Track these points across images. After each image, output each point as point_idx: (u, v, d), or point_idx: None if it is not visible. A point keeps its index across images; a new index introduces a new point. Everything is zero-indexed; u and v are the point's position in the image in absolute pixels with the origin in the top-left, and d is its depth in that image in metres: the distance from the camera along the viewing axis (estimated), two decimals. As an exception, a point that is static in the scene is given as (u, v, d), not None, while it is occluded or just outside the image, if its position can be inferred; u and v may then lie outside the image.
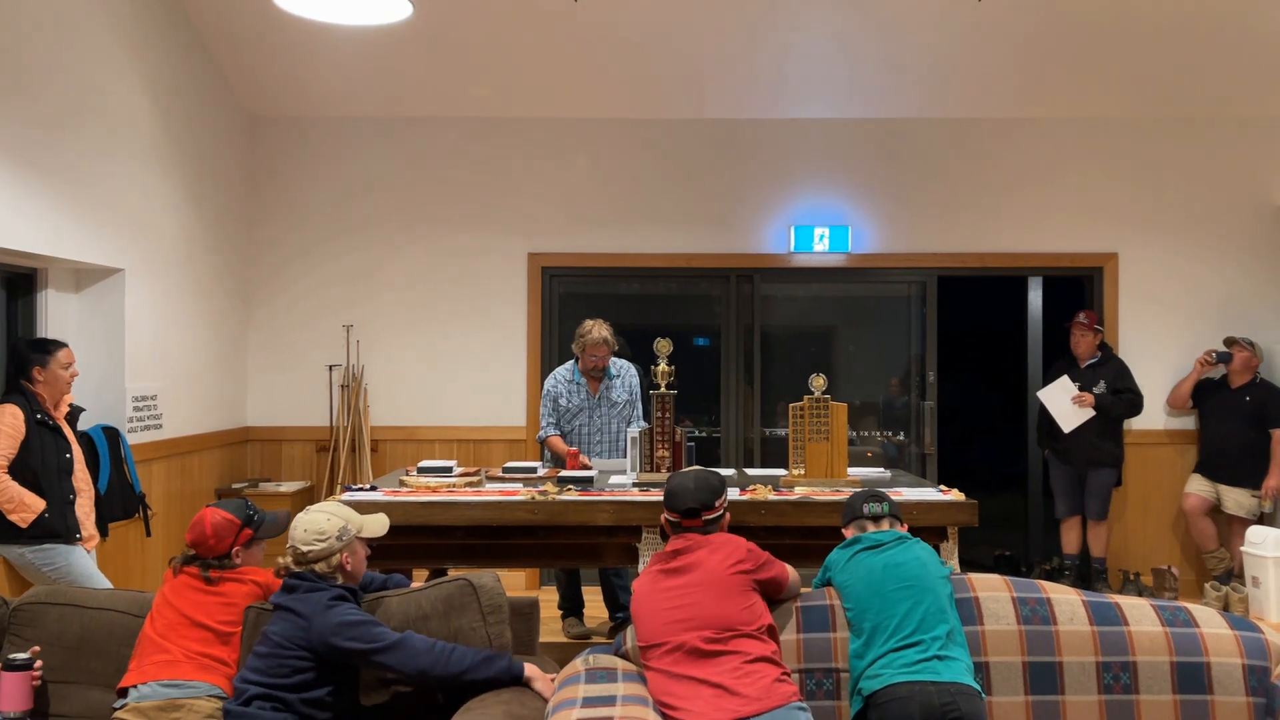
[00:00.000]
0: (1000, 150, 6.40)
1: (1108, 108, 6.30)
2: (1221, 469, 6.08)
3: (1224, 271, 6.38)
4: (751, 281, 6.53)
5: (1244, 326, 6.31)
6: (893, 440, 6.74)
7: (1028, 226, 6.40)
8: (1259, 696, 2.58)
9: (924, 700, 2.38)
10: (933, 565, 2.68)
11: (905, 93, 6.18)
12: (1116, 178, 6.39)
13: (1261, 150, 6.35)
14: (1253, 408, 5.98)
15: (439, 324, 6.39)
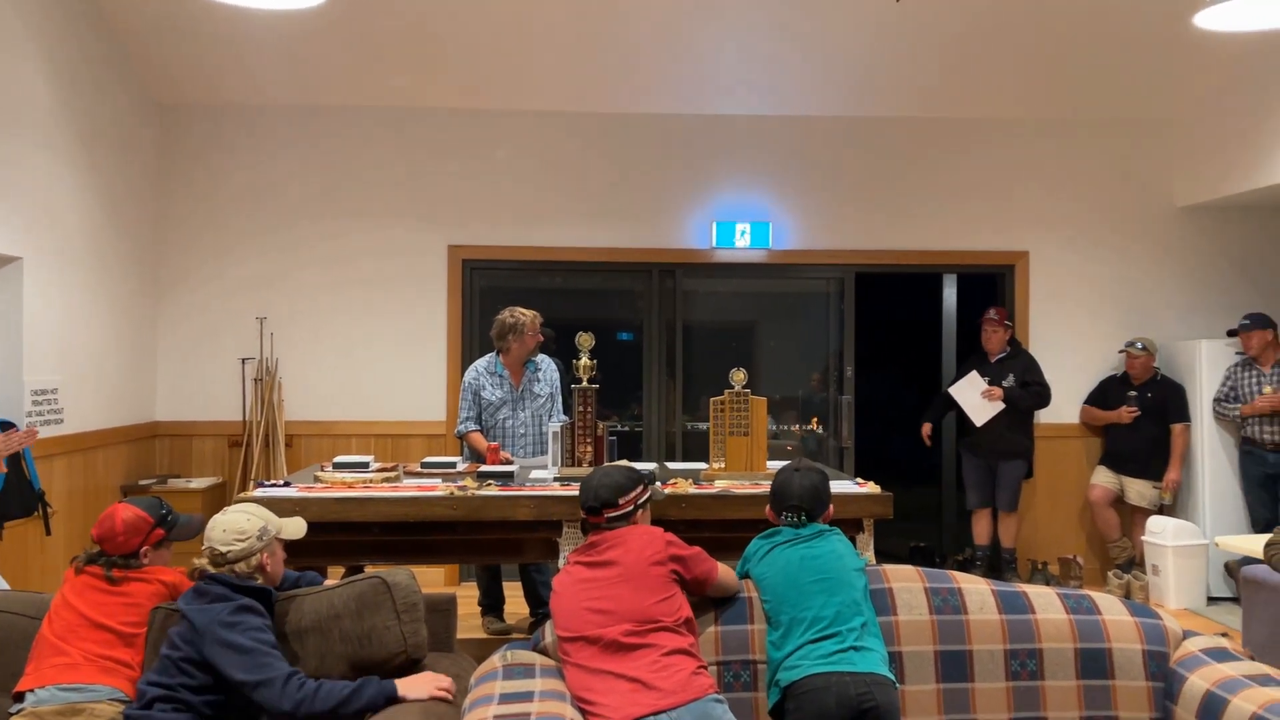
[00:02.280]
0: (917, 150, 6.52)
1: (1021, 109, 6.47)
2: (1125, 462, 6.30)
3: (1129, 270, 6.61)
4: (674, 276, 6.55)
5: (1146, 324, 6.55)
6: (814, 433, 6.83)
7: (943, 225, 6.54)
8: (1158, 681, 2.67)
9: (840, 691, 2.42)
10: (849, 558, 2.72)
11: (826, 91, 6.26)
12: (1028, 178, 6.56)
13: (1164, 154, 6.59)
14: (1154, 404, 6.21)
15: (357, 317, 6.27)
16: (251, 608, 2.55)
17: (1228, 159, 6.07)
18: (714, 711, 2.34)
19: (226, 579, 2.59)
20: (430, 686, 2.55)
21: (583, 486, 2.75)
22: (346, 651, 2.62)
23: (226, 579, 2.59)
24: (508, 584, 5.45)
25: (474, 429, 5.06)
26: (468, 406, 5.08)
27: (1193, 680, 2.59)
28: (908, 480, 7.77)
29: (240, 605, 2.53)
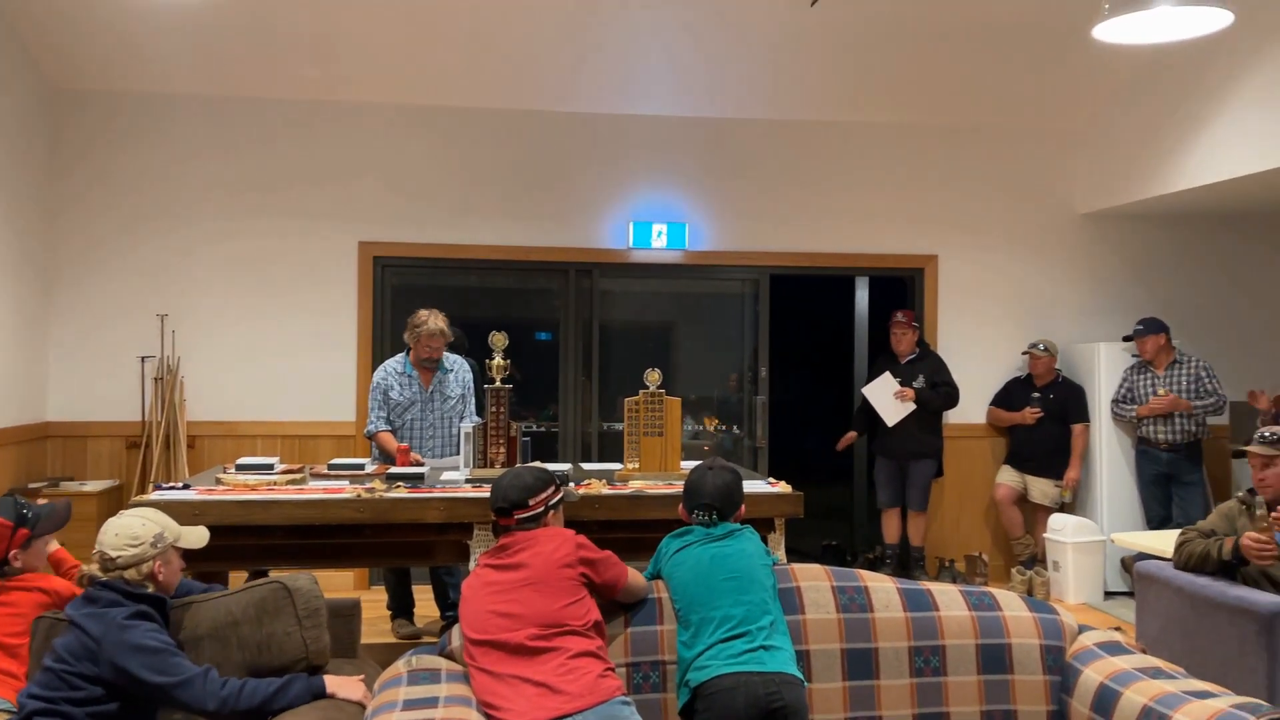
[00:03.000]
0: (831, 153, 6.61)
1: (932, 116, 6.61)
2: (1028, 461, 6.47)
3: (1033, 274, 6.80)
4: (590, 276, 6.53)
5: (1049, 327, 6.75)
6: (729, 433, 6.87)
7: (856, 228, 6.64)
8: (1054, 675, 2.74)
9: (749, 690, 2.42)
10: (758, 557, 2.73)
11: (743, 93, 6.30)
12: (938, 183, 6.71)
13: (1067, 162, 6.80)
14: (1056, 405, 6.40)
15: (263, 315, 6.10)
16: (146, 614, 2.46)
17: (1126, 168, 6.29)
18: (620, 714, 2.33)
19: (117, 585, 2.48)
20: (363, 687, 2.49)
21: (492, 488, 2.71)
22: (244, 659, 2.54)
23: (117, 585, 2.48)
24: (417, 587, 5.37)
25: (384, 429, 4.97)
26: (377, 407, 4.99)
27: (1087, 674, 2.66)
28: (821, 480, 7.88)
29: (134, 611, 2.43)
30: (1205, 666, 3.45)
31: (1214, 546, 3.58)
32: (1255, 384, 6.67)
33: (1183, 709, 2.37)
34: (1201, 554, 3.62)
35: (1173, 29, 3.72)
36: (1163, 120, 5.94)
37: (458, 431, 5.06)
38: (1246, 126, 5.27)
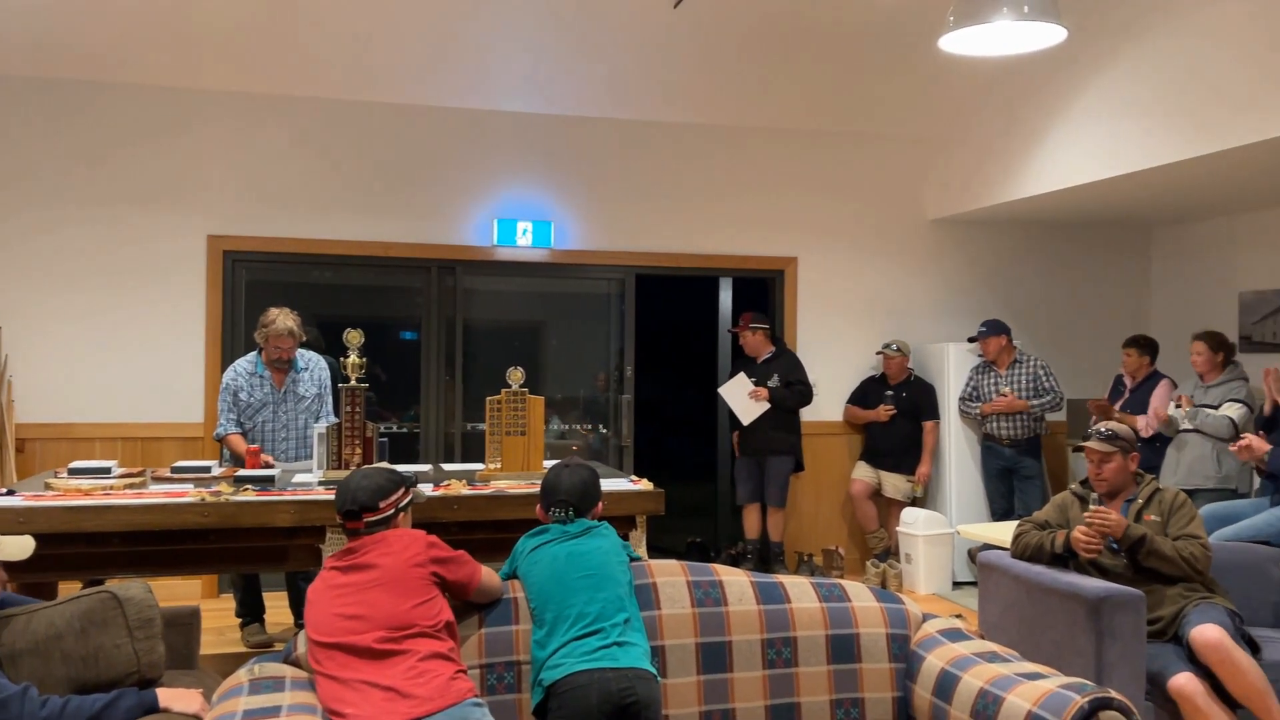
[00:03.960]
0: (696, 155, 6.69)
1: (793, 120, 6.76)
2: (882, 457, 6.70)
3: (887, 276, 7.04)
4: (454, 274, 6.43)
5: (902, 327, 7.00)
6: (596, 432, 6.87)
7: (719, 229, 6.74)
8: (900, 662, 2.83)
9: (602, 687, 2.42)
10: (615, 554, 2.73)
11: (609, 93, 6.31)
12: (799, 187, 6.87)
13: (918, 168, 7.06)
14: (908, 403, 6.64)
15: (103, 311, 5.78)
16: None
17: (973, 175, 6.58)
18: (472, 716, 2.29)
19: (-74, 600, 2.30)
20: (200, 699, 2.37)
21: (339, 490, 2.63)
22: (69, 674, 2.39)
23: (-74, 600, 2.30)
24: (269, 593, 5.18)
25: (232, 431, 4.78)
26: (226, 408, 4.81)
27: (930, 660, 2.76)
28: (684, 477, 7.99)
29: None
30: (1040, 649, 3.63)
31: (1047, 539, 3.77)
32: (1089, 382, 7.08)
33: (1015, 690, 2.48)
34: (1036, 545, 3.81)
35: (1012, 43, 3.91)
36: (1007, 130, 6.24)
37: (313, 432, 4.91)
38: (1083, 138, 5.59)
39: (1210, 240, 7.03)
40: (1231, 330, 6.66)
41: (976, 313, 7.07)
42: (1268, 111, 4.42)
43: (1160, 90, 5.03)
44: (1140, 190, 5.81)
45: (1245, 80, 4.54)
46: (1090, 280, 7.43)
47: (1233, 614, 3.50)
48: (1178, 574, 3.58)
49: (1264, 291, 6.58)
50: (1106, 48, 5.40)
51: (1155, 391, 5.87)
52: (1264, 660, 3.45)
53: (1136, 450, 3.77)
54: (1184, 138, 4.88)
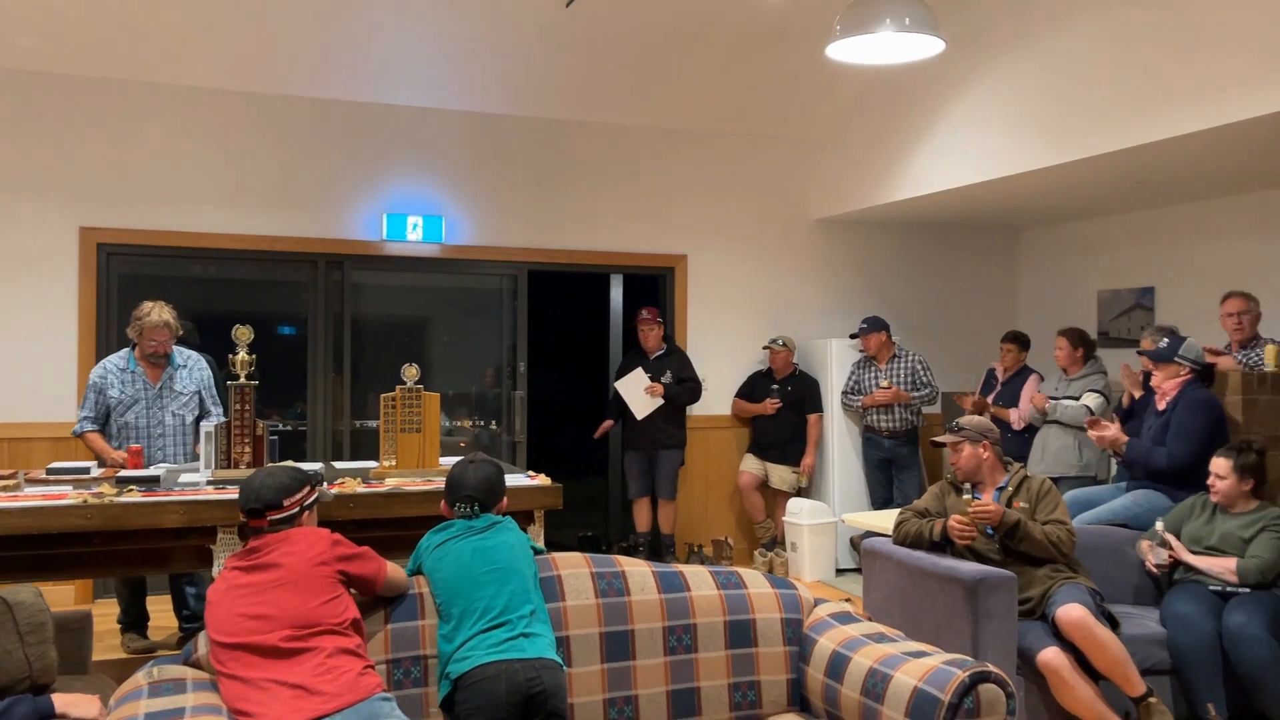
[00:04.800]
0: (589, 153, 6.75)
1: (682, 119, 6.88)
2: (768, 450, 6.89)
3: (774, 274, 7.24)
4: (341, 268, 6.33)
5: (787, 323, 7.21)
6: (486, 429, 6.86)
7: (611, 227, 6.82)
8: (793, 645, 2.96)
9: (510, 677, 2.46)
10: (520, 548, 2.77)
11: (503, 89, 6.31)
12: (689, 186, 7.00)
13: (803, 169, 7.28)
14: (793, 397, 6.85)
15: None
16: None
17: (855, 178, 6.83)
18: (381, 710, 2.30)
19: None
20: (98, 704, 2.31)
21: (242, 488, 2.59)
22: (-47, 684, 2.30)
23: None
24: (152, 598, 5.02)
25: (91, 430, 4.64)
26: (90, 405, 4.65)
27: (822, 642, 2.90)
28: (576, 473, 8.03)
29: None
30: (921, 630, 3.83)
31: (926, 528, 3.97)
32: (962, 376, 7.43)
33: (902, 668, 2.63)
34: (915, 533, 4.01)
35: (895, 53, 4.09)
36: (887, 135, 6.49)
37: (189, 430, 4.81)
38: (957, 145, 5.86)
39: (1072, 242, 7.46)
40: (1091, 326, 7.10)
41: (858, 309, 7.33)
42: (1123, 123, 4.74)
43: (1027, 102, 5.33)
44: (1009, 195, 6.14)
45: (1103, 95, 4.85)
46: (963, 279, 7.79)
47: (1094, 592, 3.76)
48: (1046, 556, 3.82)
49: (1120, 290, 7.02)
50: (979, 60, 5.68)
51: (1026, 384, 6.20)
52: (1123, 634, 3.72)
53: (987, 439, 3.99)
54: (1048, 146, 5.19)
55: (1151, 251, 6.79)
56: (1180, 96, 4.46)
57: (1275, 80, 4.03)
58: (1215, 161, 5.12)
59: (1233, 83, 4.21)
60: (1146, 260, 6.84)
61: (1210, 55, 4.31)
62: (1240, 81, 4.18)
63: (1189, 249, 6.52)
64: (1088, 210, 6.89)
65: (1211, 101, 4.31)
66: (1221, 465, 4.03)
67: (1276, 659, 3.66)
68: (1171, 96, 4.50)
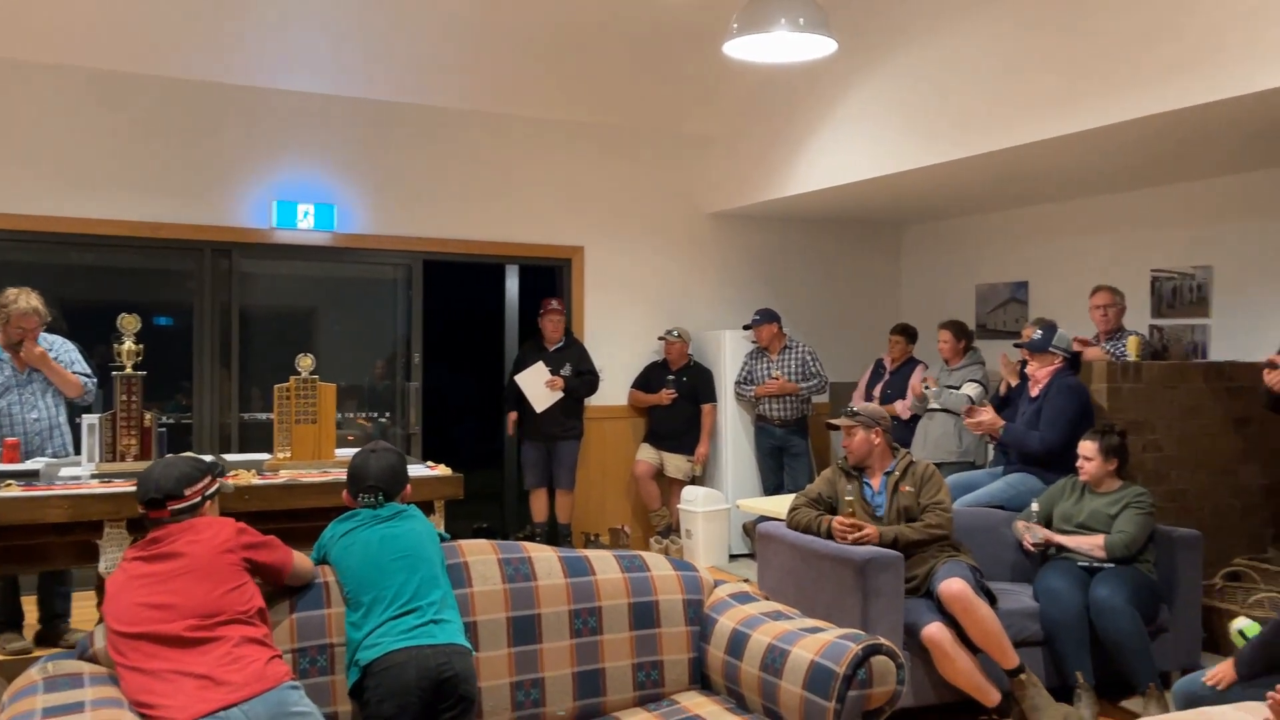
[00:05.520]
0: (485, 143, 6.72)
1: (580, 112, 6.92)
2: (664, 439, 7.01)
3: (669, 266, 7.35)
4: (229, 257, 6.16)
5: (682, 315, 7.33)
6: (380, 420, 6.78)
7: (508, 217, 6.81)
8: (695, 625, 3.05)
9: (420, 663, 2.47)
10: (427, 535, 2.78)
11: (398, 76, 6.24)
12: (586, 177, 7.04)
13: (697, 163, 7.40)
14: (688, 387, 6.97)
15: None
16: None
17: (747, 173, 6.98)
18: (289, 699, 2.29)
19: None
20: None
21: (141, 479, 2.54)
22: None
23: None
24: (28, 597, 4.82)
25: None
26: None
27: (722, 621, 2.99)
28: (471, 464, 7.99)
29: None
30: (814, 609, 3.97)
31: (815, 522, 4.12)
32: (850, 366, 7.68)
33: (799, 643, 2.74)
34: (806, 523, 4.16)
35: (789, 52, 4.22)
36: (778, 132, 6.66)
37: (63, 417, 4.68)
38: (844, 143, 6.06)
39: (952, 238, 7.79)
40: (970, 319, 7.42)
41: (751, 302, 7.50)
42: (1001, 125, 4.99)
43: (910, 104, 5.55)
44: (892, 192, 6.37)
45: (983, 97, 5.10)
46: (851, 273, 8.04)
47: (974, 569, 3.97)
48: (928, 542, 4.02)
49: (997, 284, 7.37)
50: (866, 61, 5.88)
51: (913, 375, 6.46)
52: (1000, 609, 3.94)
53: (879, 426, 4.18)
54: (929, 146, 5.41)
55: (1025, 248, 7.15)
56: (1050, 101, 4.72)
57: (1135, 87, 4.31)
58: (1082, 163, 5.43)
59: (1097, 89, 4.48)
60: (1021, 256, 7.19)
61: (1078, 63, 4.58)
62: (1104, 88, 4.45)
63: (1060, 245, 6.88)
64: (967, 208, 7.20)
65: (1078, 107, 4.57)
66: (1088, 448, 4.29)
67: (1137, 628, 3.94)
68: (1042, 101, 4.76)
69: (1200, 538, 4.34)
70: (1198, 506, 5.05)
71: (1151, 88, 4.24)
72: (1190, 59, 4.09)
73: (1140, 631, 3.94)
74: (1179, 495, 5.02)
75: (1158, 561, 4.25)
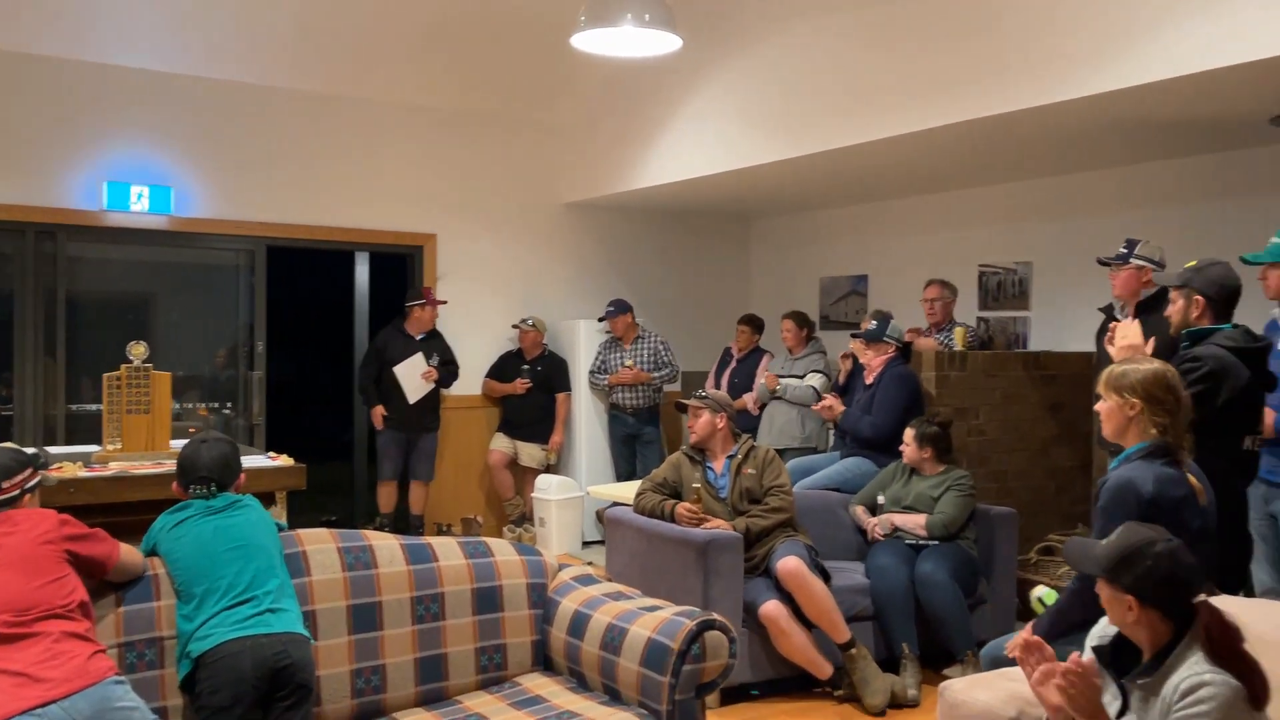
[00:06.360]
0: (333, 126, 6.57)
1: (435, 99, 6.84)
2: (518, 428, 7.03)
3: (525, 255, 7.36)
4: (55, 240, 5.84)
5: (538, 304, 7.35)
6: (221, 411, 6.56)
7: (357, 203, 6.68)
8: (538, 609, 3.10)
9: (256, 652, 2.44)
10: (263, 525, 2.74)
11: (240, 56, 6.04)
12: (439, 165, 6.97)
13: (555, 154, 7.43)
14: (543, 376, 7.01)
15: None
16: None
17: (602, 164, 7.05)
18: (113, 694, 2.23)
19: None
20: None
21: (-51, 473, 2.41)
22: None
23: None
24: None
25: None
26: None
27: (564, 604, 3.06)
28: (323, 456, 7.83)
29: None
30: (658, 590, 4.07)
31: (659, 507, 4.24)
32: (701, 355, 7.86)
33: (637, 622, 2.83)
34: (652, 508, 4.27)
35: (634, 47, 4.30)
36: (631, 124, 6.76)
37: None
38: (693, 136, 6.20)
39: (798, 232, 8.07)
40: (814, 310, 7.71)
41: (606, 291, 7.58)
42: (839, 124, 5.21)
43: (757, 100, 5.73)
44: (740, 186, 6.56)
45: (823, 97, 5.31)
46: (702, 265, 8.22)
47: (810, 548, 4.16)
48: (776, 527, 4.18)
49: (839, 277, 7.68)
50: (714, 58, 6.03)
51: (760, 364, 6.67)
52: (833, 586, 4.14)
53: (725, 411, 4.34)
54: (773, 142, 5.61)
55: (866, 242, 7.47)
56: (885, 102, 4.96)
57: (964, 91, 4.58)
58: (917, 163, 5.73)
59: (929, 92, 4.74)
60: (862, 250, 7.51)
61: (912, 66, 4.83)
62: (936, 91, 4.71)
63: (898, 241, 7.23)
64: (811, 204, 7.48)
65: (912, 108, 4.83)
66: (908, 434, 4.57)
67: (957, 600, 4.21)
68: (878, 102, 5.00)
69: (1016, 515, 4.66)
70: (1016, 486, 5.42)
71: (979, 92, 4.52)
72: (1013, 66, 4.38)
73: (960, 603, 4.21)
74: (1000, 476, 5.37)
75: (978, 538, 4.54)
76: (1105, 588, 2.12)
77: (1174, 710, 1.96)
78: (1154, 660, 2.06)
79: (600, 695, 2.85)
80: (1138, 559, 2.06)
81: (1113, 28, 4.01)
